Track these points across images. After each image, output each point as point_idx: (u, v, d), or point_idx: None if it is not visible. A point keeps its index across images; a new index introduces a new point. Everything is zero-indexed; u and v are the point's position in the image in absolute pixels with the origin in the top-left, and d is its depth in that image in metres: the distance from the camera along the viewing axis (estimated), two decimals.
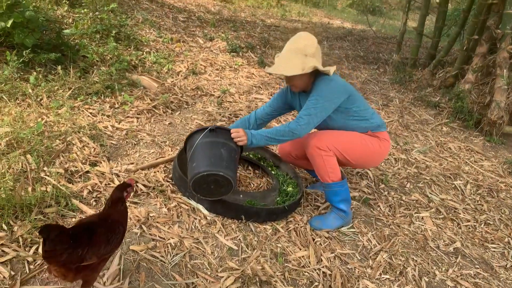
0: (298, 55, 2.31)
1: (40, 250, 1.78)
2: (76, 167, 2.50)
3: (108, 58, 4.12)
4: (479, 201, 3.26)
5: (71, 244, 1.42)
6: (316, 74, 2.40)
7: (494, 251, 2.70)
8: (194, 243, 2.17)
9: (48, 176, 2.30)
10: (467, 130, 4.70)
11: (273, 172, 2.96)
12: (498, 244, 2.77)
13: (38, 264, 1.81)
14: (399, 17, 13.76)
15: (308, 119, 2.31)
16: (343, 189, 2.49)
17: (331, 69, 2.36)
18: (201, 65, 4.82)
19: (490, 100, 4.53)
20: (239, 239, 2.28)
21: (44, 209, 2.08)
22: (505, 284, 2.41)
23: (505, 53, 4.43)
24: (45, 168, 2.37)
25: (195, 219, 2.36)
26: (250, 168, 3.07)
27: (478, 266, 2.51)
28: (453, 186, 3.42)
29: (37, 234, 1.90)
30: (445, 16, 5.99)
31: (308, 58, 2.31)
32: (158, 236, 2.14)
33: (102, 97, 3.47)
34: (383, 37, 8.86)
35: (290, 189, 2.77)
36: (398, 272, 2.30)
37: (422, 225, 2.79)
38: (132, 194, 2.30)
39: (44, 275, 1.77)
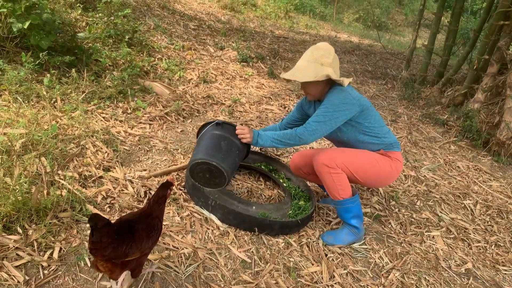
0: (314, 64, 2.33)
1: (87, 245, 1.83)
2: (90, 171, 2.49)
3: (121, 63, 4.13)
4: (489, 222, 3.24)
5: (116, 239, 1.49)
6: (331, 85, 2.41)
7: (505, 273, 2.68)
8: (207, 254, 2.15)
9: (63, 180, 2.29)
10: (475, 149, 4.69)
11: (284, 185, 2.95)
12: (509, 267, 2.75)
13: (53, 270, 1.79)
14: (404, 34, 13.87)
15: (316, 125, 2.33)
16: (355, 205, 2.48)
17: (346, 80, 2.36)
18: (212, 73, 4.83)
19: (499, 120, 4.53)
20: (252, 251, 2.27)
21: (59, 213, 2.07)
22: None
23: None
24: (59, 172, 2.36)
25: (208, 229, 2.34)
26: (261, 179, 3.06)
27: None
28: (463, 205, 3.41)
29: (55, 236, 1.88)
30: (455, 35, 6.02)
31: (324, 67, 2.32)
32: (172, 246, 2.12)
33: (115, 102, 3.47)
34: (391, 52, 8.91)
35: (302, 202, 2.75)
36: None
37: (433, 244, 2.77)
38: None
39: (58, 281, 1.75)
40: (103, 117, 3.20)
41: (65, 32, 3.98)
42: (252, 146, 2.65)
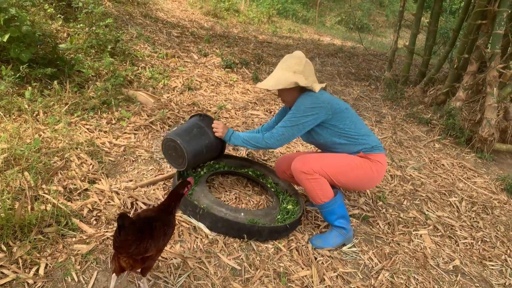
0: (286, 72, 2.42)
1: (112, 243, 1.89)
2: (75, 184, 2.46)
3: (104, 73, 4.10)
4: (474, 218, 3.29)
5: (139, 237, 1.58)
6: (303, 91, 2.45)
7: (492, 268, 2.73)
8: (197, 263, 2.14)
9: (47, 194, 2.26)
10: (459, 146, 4.77)
11: (272, 190, 2.95)
12: (496, 262, 2.80)
13: (39, 287, 1.76)
14: (386, 34, 14.05)
15: (282, 131, 2.42)
16: (337, 206, 2.49)
17: (317, 86, 2.40)
18: (196, 80, 4.82)
19: (481, 117, 4.62)
20: (242, 258, 2.26)
21: (44, 228, 2.04)
22: None
23: (494, 72, 4.54)
24: (43, 186, 2.33)
25: (197, 238, 2.33)
26: (249, 185, 3.06)
27: (478, 285, 2.52)
28: (449, 203, 3.46)
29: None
30: (435, 35, 6.12)
31: (296, 75, 2.39)
32: (161, 256, 2.10)
33: (99, 113, 3.44)
34: (373, 54, 9.01)
35: (290, 206, 2.76)
36: None
37: (421, 242, 2.80)
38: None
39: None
40: (87, 129, 3.17)
41: (46, 44, 3.94)
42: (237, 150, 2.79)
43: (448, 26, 8.38)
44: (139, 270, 1.74)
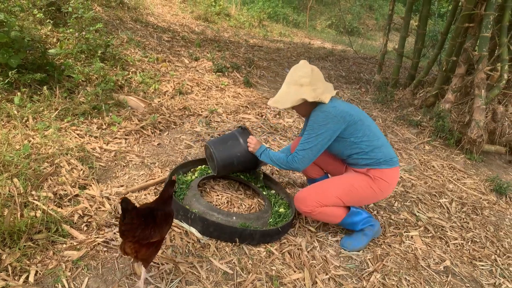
0: (294, 86, 2.40)
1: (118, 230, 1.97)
2: (65, 190, 2.44)
3: (94, 78, 4.09)
4: (464, 219, 3.32)
5: (143, 222, 1.69)
6: (315, 102, 2.42)
7: (482, 268, 2.75)
8: (188, 268, 2.13)
9: (37, 200, 2.24)
10: (449, 148, 4.82)
11: (264, 193, 2.96)
12: (486, 262, 2.83)
13: None
14: (376, 38, 14.17)
15: (303, 154, 2.42)
16: (353, 216, 2.56)
17: (326, 97, 2.37)
18: (187, 85, 4.82)
19: (469, 119, 4.67)
20: (234, 262, 2.26)
21: (34, 235, 2.02)
22: None
23: (482, 74, 4.60)
24: (33, 192, 2.31)
25: (188, 242, 2.32)
26: (241, 189, 3.06)
27: (468, 285, 2.55)
28: (439, 204, 3.49)
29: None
30: (424, 38, 6.20)
31: (303, 88, 2.37)
32: (152, 262, 2.09)
33: (89, 118, 3.42)
34: (363, 57, 9.08)
35: (282, 210, 2.77)
36: None
37: (412, 244, 2.82)
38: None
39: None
40: (78, 134, 3.15)
41: (35, 49, 3.91)
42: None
43: (437, 29, 8.49)
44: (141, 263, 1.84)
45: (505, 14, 4.61)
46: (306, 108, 2.47)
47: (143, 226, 1.68)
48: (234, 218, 2.53)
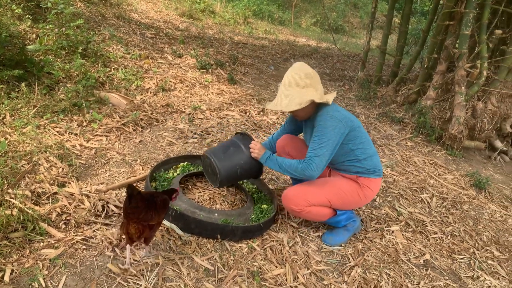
0: (295, 88, 2.34)
1: (122, 213, 1.96)
2: (43, 188, 2.40)
3: (75, 75, 4.02)
4: (444, 213, 3.38)
5: (146, 204, 1.89)
6: (317, 104, 2.41)
7: (461, 262, 2.80)
8: (169, 264, 2.12)
9: (13, 198, 2.20)
10: (430, 144, 4.89)
11: (247, 189, 2.95)
12: (465, 255, 2.88)
13: None
14: (361, 35, 14.28)
15: (318, 160, 2.32)
16: (339, 216, 2.59)
17: (330, 98, 2.37)
18: (170, 81, 4.79)
19: (450, 115, 4.75)
20: (215, 259, 2.25)
21: (10, 234, 1.98)
22: None
23: (462, 71, 4.68)
24: (9, 190, 2.26)
25: (170, 239, 2.31)
26: None
27: (447, 277, 2.59)
28: (420, 199, 3.54)
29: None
30: (406, 36, 6.27)
31: (305, 89, 2.33)
32: (133, 259, 2.08)
33: (70, 115, 3.37)
34: (347, 54, 9.14)
35: (264, 206, 2.77)
36: (372, 287, 2.34)
37: (393, 238, 2.85)
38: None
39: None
40: (57, 131, 3.10)
41: (13, 45, 3.84)
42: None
43: (420, 28, 8.59)
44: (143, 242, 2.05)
45: (484, 12, 4.69)
46: (308, 110, 2.41)
47: (146, 209, 1.88)
48: (216, 214, 2.52)
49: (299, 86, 2.33)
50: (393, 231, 2.94)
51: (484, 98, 4.83)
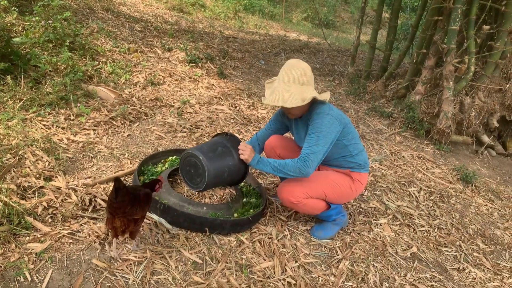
0: (295, 85, 2.32)
1: (108, 208, 1.94)
2: (29, 182, 2.37)
3: (62, 68, 3.97)
4: (432, 207, 3.42)
5: (132, 199, 1.89)
6: (312, 102, 2.41)
7: (447, 254, 2.84)
8: (158, 258, 2.11)
9: None
10: (419, 139, 4.93)
11: None
12: (451, 248, 2.92)
13: None
14: (351, 31, 14.29)
15: (314, 158, 2.30)
16: (333, 209, 2.61)
17: (327, 97, 2.39)
18: (159, 75, 4.75)
19: (438, 110, 4.79)
20: (203, 252, 2.26)
21: None
22: (459, 286, 2.53)
23: (450, 66, 4.71)
24: None
25: (158, 233, 2.30)
26: None
27: (433, 270, 2.62)
28: (408, 193, 3.57)
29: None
30: (395, 31, 6.29)
31: (304, 87, 2.32)
32: (121, 253, 2.06)
33: (57, 109, 3.33)
34: (338, 49, 9.16)
35: (253, 199, 2.77)
36: (360, 279, 2.36)
37: (380, 231, 2.88)
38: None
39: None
40: (44, 125, 3.07)
41: None
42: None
43: (409, 23, 8.63)
44: (128, 236, 2.06)
45: (472, 7, 4.72)
46: (303, 108, 2.41)
47: (132, 204, 1.89)
48: (204, 208, 2.52)
49: (298, 83, 2.32)
50: (381, 225, 2.97)
51: (472, 93, 4.88)
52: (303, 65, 2.36)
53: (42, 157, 2.65)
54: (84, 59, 4.42)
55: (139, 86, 4.34)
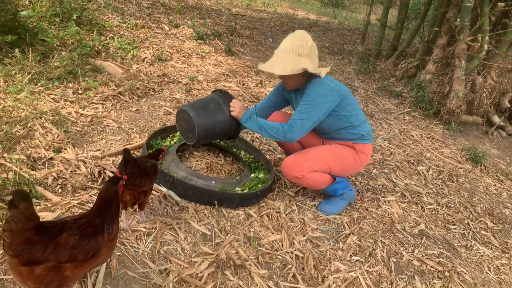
0: (291, 55, 2.30)
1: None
2: (39, 153, 2.38)
3: (69, 42, 3.94)
4: (440, 186, 3.40)
5: (141, 170, 1.88)
6: (309, 75, 2.38)
7: (455, 232, 2.84)
8: (167, 229, 2.13)
9: (9, 162, 2.18)
10: (428, 118, 4.88)
11: (244, 159, 2.95)
12: (459, 226, 2.91)
13: (1, 254, 1.72)
14: (360, 10, 14.04)
15: (301, 124, 2.32)
16: (337, 184, 2.60)
17: (323, 71, 2.34)
18: (167, 52, 4.71)
19: (449, 90, 4.72)
20: (212, 224, 2.27)
21: (6, 196, 1.97)
22: (466, 263, 2.53)
23: (463, 44, 4.62)
24: (5, 155, 2.24)
25: (167, 205, 2.31)
26: (221, 155, 3.04)
27: (441, 246, 2.62)
28: (416, 171, 3.55)
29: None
30: (407, 9, 6.16)
31: (301, 58, 2.30)
32: (131, 224, 2.08)
33: (65, 83, 3.31)
34: (347, 28, 9.01)
35: (261, 175, 2.77)
36: (367, 254, 2.37)
37: (388, 208, 2.87)
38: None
39: (5, 266, 1.68)
40: (52, 98, 3.06)
41: (5, 11, 3.72)
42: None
43: (421, 1, 8.44)
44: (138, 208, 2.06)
45: None
46: (299, 80, 2.39)
47: (140, 176, 1.88)
48: (213, 182, 2.52)
49: (296, 54, 2.30)
50: (389, 202, 2.96)
51: (484, 72, 4.80)
52: (306, 37, 2.34)
53: (51, 130, 2.65)
54: (91, 34, 4.38)
55: (147, 62, 4.30)
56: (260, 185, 2.65)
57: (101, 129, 2.90)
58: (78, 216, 1.47)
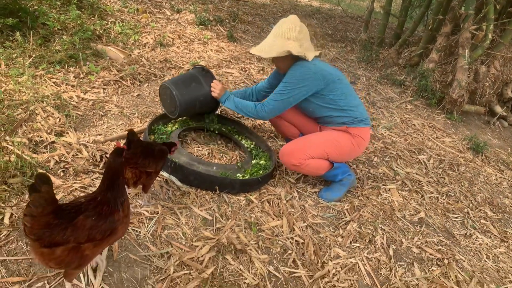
0: (280, 38, 2.37)
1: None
2: (40, 137, 2.38)
3: (71, 26, 3.91)
4: (441, 175, 3.40)
5: (143, 151, 1.93)
6: (296, 59, 2.40)
7: (455, 220, 2.85)
8: (168, 213, 2.14)
9: (11, 145, 2.18)
10: (430, 108, 4.86)
11: (245, 145, 2.95)
12: (459, 214, 2.92)
13: (4, 235, 1.73)
14: None
15: (273, 104, 2.43)
16: (336, 170, 2.61)
17: (310, 54, 2.35)
18: (168, 37, 4.67)
19: (452, 79, 4.69)
20: (213, 209, 2.28)
21: (8, 179, 1.98)
22: (465, 251, 2.55)
23: (467, 33, 4.58)
24: (7, 138, 2.25)
25: (168, 190, 2.32)
26: (222, 141, 3.04)
27: (440, 234, 2.64)
28: (417, 160, 3.55)
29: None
30: None
31: (290, 41, 2.33)
32: (132, 208, 2.09)
33: (66, 67, 3.30)
34: (350, 16, 8.92)
35: (262, 161, 2.77)
36: (367, 241, 2.38)
37: (389, 196, 2.88)
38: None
39: (11, 246, 1.70)
40: (53, 82, 3.05)
41: None
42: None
43: None
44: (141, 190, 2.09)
45: None
46: (287, 63, 2.44)
47: (144, 156, 1.92)
48: (214, 168, 2.53)
49: (284, 37, 2.37)
50: (389, 190, 2.97)
51: (488, 61, 4.77)
52: (296, 21, 2.39)
53: (53, 113, 2.65)
54: (92, 18, 4.34)
55: (148, 47, 4.27)
56: (261, 172, 2.65)
57: (102, 114, 2.89)
58: (92, 195, 1.49)
